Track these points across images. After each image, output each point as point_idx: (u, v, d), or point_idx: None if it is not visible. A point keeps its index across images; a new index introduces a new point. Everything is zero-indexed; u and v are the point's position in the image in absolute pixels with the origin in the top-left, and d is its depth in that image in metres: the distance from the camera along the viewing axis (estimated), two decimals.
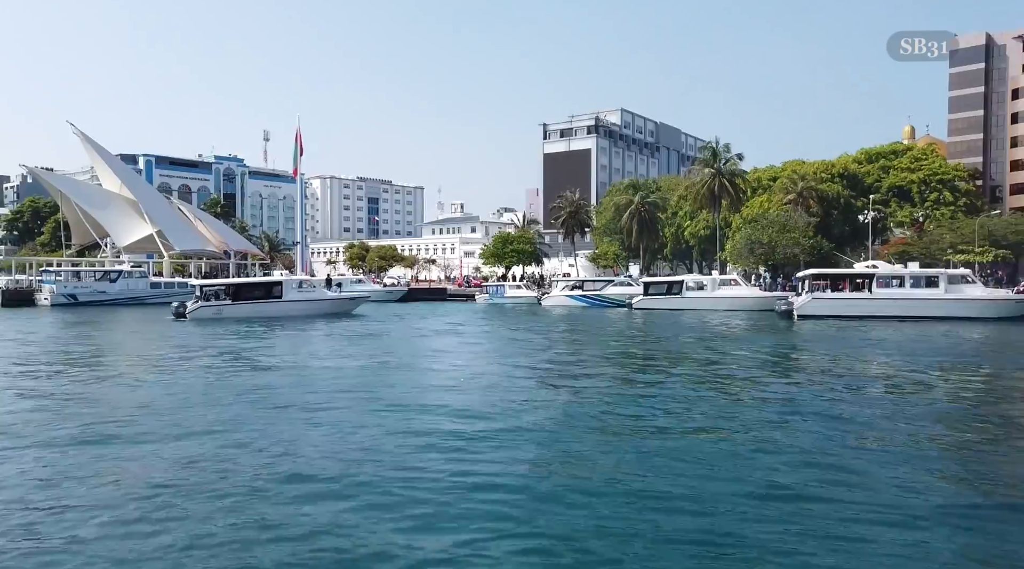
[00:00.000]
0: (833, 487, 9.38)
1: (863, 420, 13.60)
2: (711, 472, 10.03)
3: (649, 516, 8.23)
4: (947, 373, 20.33)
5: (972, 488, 9.45)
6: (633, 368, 22.39)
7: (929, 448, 11.51)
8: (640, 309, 53.81)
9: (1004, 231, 59.56)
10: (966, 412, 14.80)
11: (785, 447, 11.40)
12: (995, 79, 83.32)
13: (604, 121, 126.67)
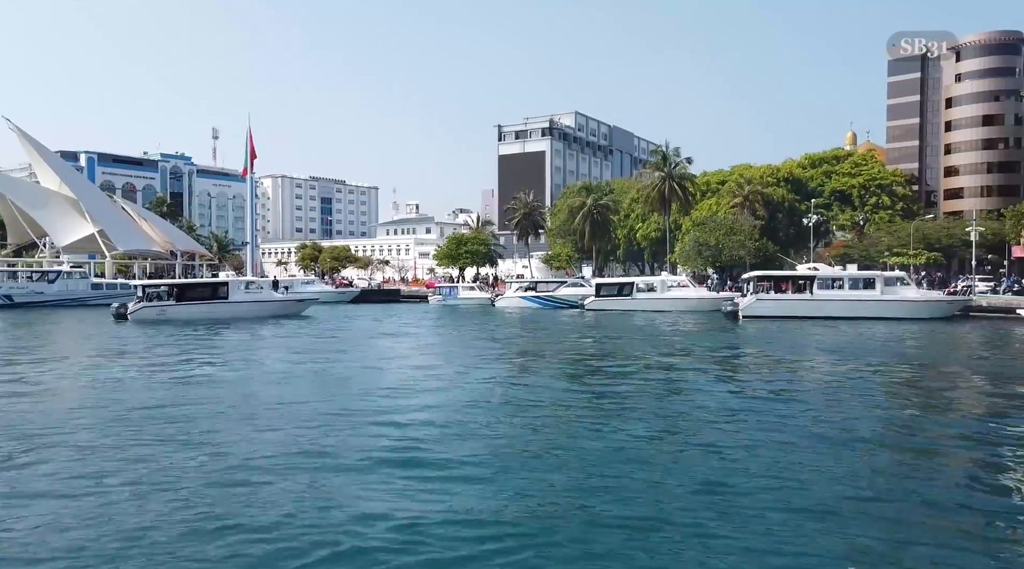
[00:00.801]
0: (761, 478, 9.77)
1: (793, 415, 14.16)
2: (647, 466, 10.35)
3: (587, 504, 8.49)
4: (877, 370, 21.23)
5: (893, 479, 9.98)
6: (582, 368, 22.76)
7: (855, 442, 12.06)
8: (592, 310, 54.47)
9: (937, 234, 62.28)
10: (892, 408, 15.52)
11: (723, 443, 11.81)
12: (930, 88, 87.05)
13: (558, 124, 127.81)
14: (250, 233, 71.13)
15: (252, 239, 73.38)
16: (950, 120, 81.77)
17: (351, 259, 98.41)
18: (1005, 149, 78.88)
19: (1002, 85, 78.52)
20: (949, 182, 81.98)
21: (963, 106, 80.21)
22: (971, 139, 79.72)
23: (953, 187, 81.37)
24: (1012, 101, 78.77)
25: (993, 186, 78.24)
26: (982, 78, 78.82)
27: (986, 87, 78.63)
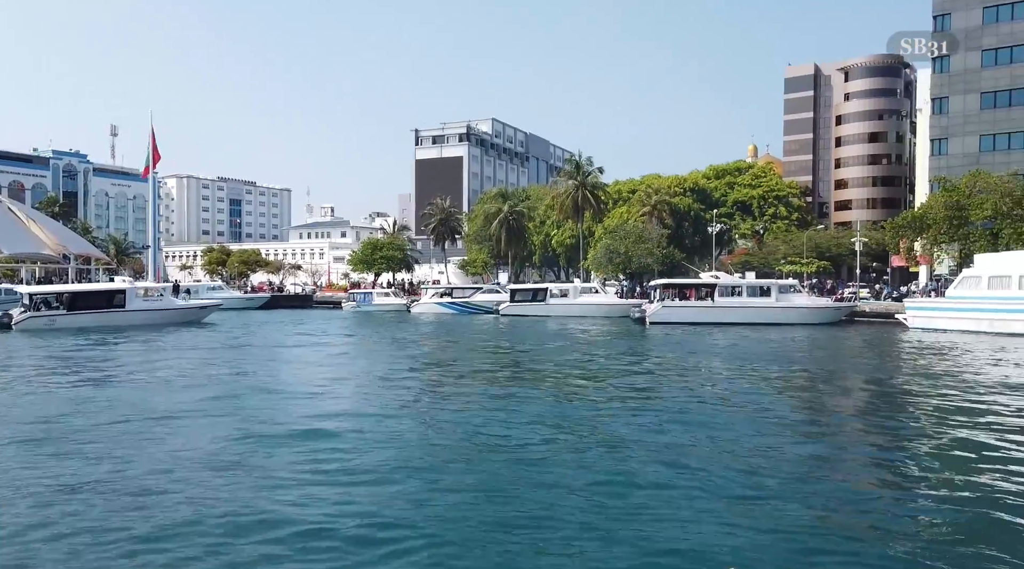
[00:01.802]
0: (656, 477, 10.41)
1: (691, 417, 15.03)
2: (550, 467, 10.80)
3: (486, 506, 8.85)
4: (770, 373, 22.67)
5: (783, 475, 10.84)
6: (495, 373, 23.17)
7: (748, 443, 12.96)
8: (507, 316, 55.20)
9: (828, 244, 66.61)
10: (781, 408, 16.68)
11: (623, 444, 12.43)
12: (822, 106, 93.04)
13: (476, 130, 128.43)
14: (152, 236, 67.59)
15: (154, 242, 69.76)
16: (840, 136, 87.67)
17: (261, 263, 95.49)
18: (888, 164, 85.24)
19: (885, 105, 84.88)
20: (839, 194, 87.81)
21: (851, 123, 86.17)
22: (858, 154, 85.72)
23: (843, 199, 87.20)
24: (894, 120, 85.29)
25: (878, 199, 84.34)
26: (868, 98, 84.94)
27: (871, 106, 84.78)
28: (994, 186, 46.37)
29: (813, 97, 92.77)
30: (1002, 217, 45.13)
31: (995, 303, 36.89)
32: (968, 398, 17.94)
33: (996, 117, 58.35)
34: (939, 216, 47.35)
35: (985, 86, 58.78)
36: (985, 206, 45.55)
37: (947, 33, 55.28)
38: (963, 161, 57.30)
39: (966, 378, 21.59)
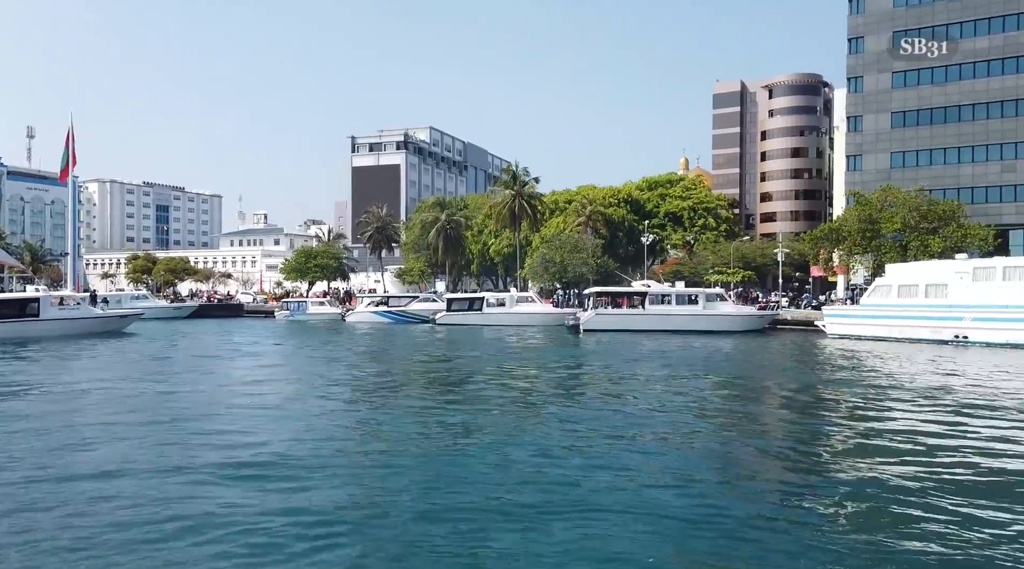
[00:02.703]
0: (582, 479, 10.80)
1: (615, 419, 15.55)
2: (483, 472, 11.07)
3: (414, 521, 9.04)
4: (694, 378, 23.58)
5: (707, 475, 11.39)
6: (429, 382, 23.28)
7: (675, 445, 13.54)
8: (443, 325, 55.21)
9: (754, 254, 69.29)
10: (705, 412, 17.43)
11: (553, 449, 12.80)
12: (748, 121, 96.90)
13: (413, 138, 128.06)
14: (71, 243, 64.62)
15: (73, 249, 66.65)
16: (764, 151, 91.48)
17: (190, 271, 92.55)
18: (809, 179, 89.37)
19: (806, 122, 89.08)
20: (764, 207, 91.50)
21: (775, 139, 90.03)
22: (782, 169, 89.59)
23: (767, 211, 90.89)
24: (814, 136, 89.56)
25: (800, 211, 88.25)
26: (790, 115, 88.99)
27: (793, 123, 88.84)
28: (903, 201, 49.37)
29: (740, 113, 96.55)
30: (910, 230, 48.09)
31: (904, 310, 39.24)
32: (874, 398, 19.17)
33: (905, 136, 62.15)
34: (853, 228, 50.08)
35: (895, 106, 62.55)
36: (895, 219, 48.44)
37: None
38: (876, 177, 60.74)
39: (875, 380, 23.01)
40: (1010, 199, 57.90)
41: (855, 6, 64.10)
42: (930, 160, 60.81)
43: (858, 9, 63.90)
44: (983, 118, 58.91)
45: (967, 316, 36.49)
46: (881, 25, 62.67)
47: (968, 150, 59.43)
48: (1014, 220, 57.38)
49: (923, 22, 61.05)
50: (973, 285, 36.82)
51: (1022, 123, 57.48)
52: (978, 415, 16.49)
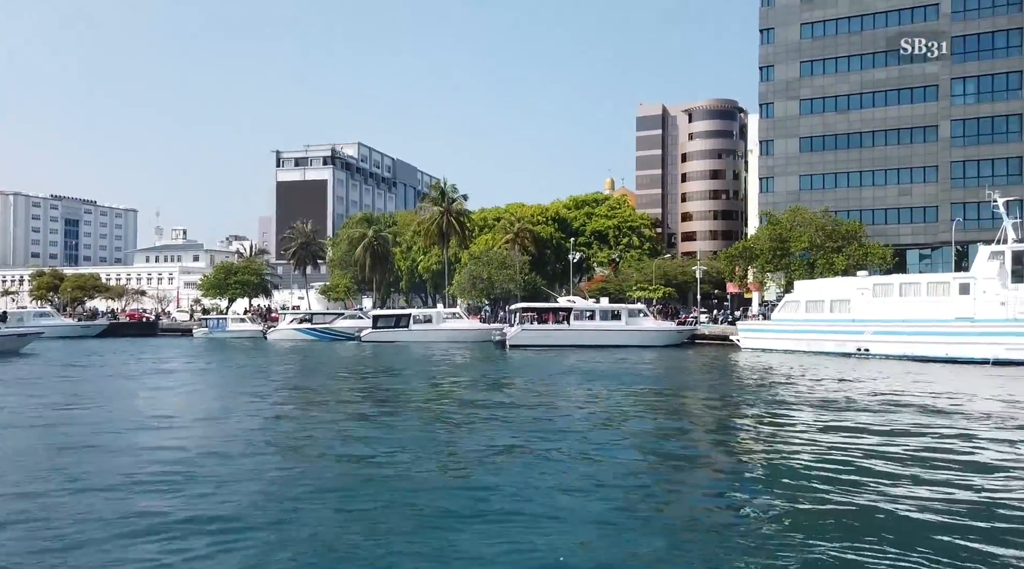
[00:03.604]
0: (502, 491, 10.96)
1: (536, 431, 15.82)
2: (405, 487, 11.07)
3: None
4: (616, 392, 24.18)
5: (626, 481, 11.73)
6: (349, 399, 22.98)
7: (600, 456, 13.86)
8: (369, 342, 54.59)
9: (675, 271, 71.58)
10: (624, 421, 17.93)
11: (473, 465, 12.91)
12: (670, 143, 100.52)
13: (341, 153, 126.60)
14: None
15: None
16: (685, 172, 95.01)
17: (100, 288, 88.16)
18: (727, 200, 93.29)
19: (724, 145, 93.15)
20: (685, 226, 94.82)
21: (694, 161, 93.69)
22: (701, 190, 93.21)
23: (688, 230, 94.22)
24: (731, 159, 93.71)
25: (718, 231, 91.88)
26: (708, 138, 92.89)
27: (712, 146, 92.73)
28: (810, 221, 52.24)
29: (662, 135, 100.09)
30: (816, 248, 50.89)
31: (811, 325, 41.36)
32: (779, 406, 20.19)
33: (812, 160, 65.89)
34: (765, 247, 52.60)
35: (803, 132, 66.30)
36: (803, 239, 51.17)
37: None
38: (786, 198, 64.06)
39: (780, 390, 24.22)
40: (907, 221, 62.14)
41: (766, 37, 67.83)
42: (835, 183, 64.65)
43: (768, 40, 67.64)
44: (882, 145, 63.16)
45: (868, 330, 38.73)
46: (789, 55, 66.48)
47: (869, 174, 63.54)
48: (910, 240, 61.56)
49: (827, 54, 65.13)
50: (873, 301, 39.16)
51: (916, 150, 61.93)
52: (872, 419, 17.63)
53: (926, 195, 61.39)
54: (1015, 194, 51.93)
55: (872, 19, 63.27)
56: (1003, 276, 34.63)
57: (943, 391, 23.33)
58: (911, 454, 13.46)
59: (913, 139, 61.98)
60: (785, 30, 66.60)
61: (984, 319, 34.50)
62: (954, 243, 54.76)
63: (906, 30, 61.93)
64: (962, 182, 59.45)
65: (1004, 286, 34.36)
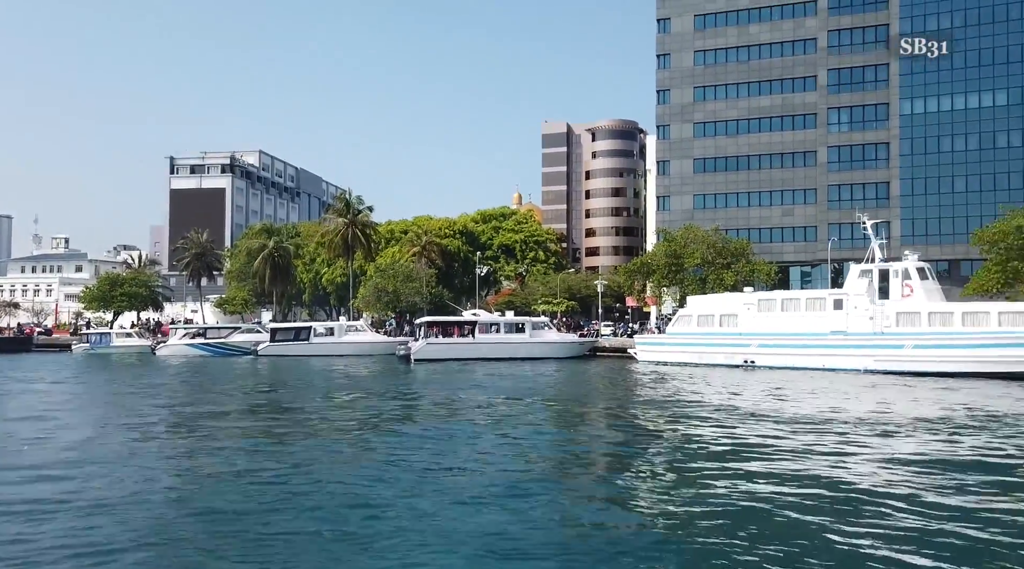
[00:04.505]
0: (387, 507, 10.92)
1: (435, 445, 15.83)
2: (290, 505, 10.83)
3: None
4: (518, 403, 24.52)
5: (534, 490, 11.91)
6: (241, 415, 22.16)
7: (506, 468, 13.99)
8: (267, 356, 52.80)
9: (579, 285, 73.37)
10: (526, 432, 18.19)
11: (364, 481, 12.77)
12: (574, 161, 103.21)
13: (241, 161, 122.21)
14: None
15: None
16: (588, 189, 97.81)
17: None
18: (628, 216, 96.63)
19: (625, 164, 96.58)
20: (589, 241, 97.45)
21: (597, 179, 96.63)
22: (604, 206, 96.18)
23: (592, 246, 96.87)
24: (632, 177, 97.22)
25: (620, 246, 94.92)
26: (610, 157, 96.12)
27: (613, 165, 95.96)
28: (702, 239, 55.02)
29: (567, 152, 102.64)
30: (708, 265, 53.61)
31: (702, 338, 43.39)
32: (666, 413, 21.15)
33: (705, 180, 69.49)
34: (661, 263, 54.93)
35: (696, 154, 69.85)
36: (695, 255, 53.79)
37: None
38: (681, 216, 67.19)
39: (668, 399, 25.35)
40: (789, 239, 66.55)
41: (662, 62, 71.18)
42: (725, 203, 68.43)
43: (664, 65, 71.01)
44: (768, 168, 67.47)
45: (753, 343, 41.05)
46: (684, 80, 70.01)
47: (756, 195, 67.70)
48: (793, 258, 65.90)
49: (719, 80, 69.06)
50: (758, 315, 41.57)
51: (799, 173, 66.50)
52: (753, 424, 18.78)
53: (806, 216, 66.01)
54: (883, 217, 56.87)
55: (758, 50, 67.73)
56: (871, 293, 37.65)
57: (819, 399, 25.15)
58: (790, 454, 14.49)
59: (795, 163, 66.59)
60: (680, 56, 70.11)
61: (855, 332, 37.37)
62: (830, 261, 59.05)
63: (787, 62, 66.69)
64: (837, 204, 64.32)
65: (872, 302, 37.36)
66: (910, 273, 37.04)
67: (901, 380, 32.30)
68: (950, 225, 59.83)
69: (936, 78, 61.40)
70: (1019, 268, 43.33)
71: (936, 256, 56.39)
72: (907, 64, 62.32)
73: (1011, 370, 32.24)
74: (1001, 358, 32.92)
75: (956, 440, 16.81)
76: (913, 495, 11.43)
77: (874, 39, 64.23)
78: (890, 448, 15.67)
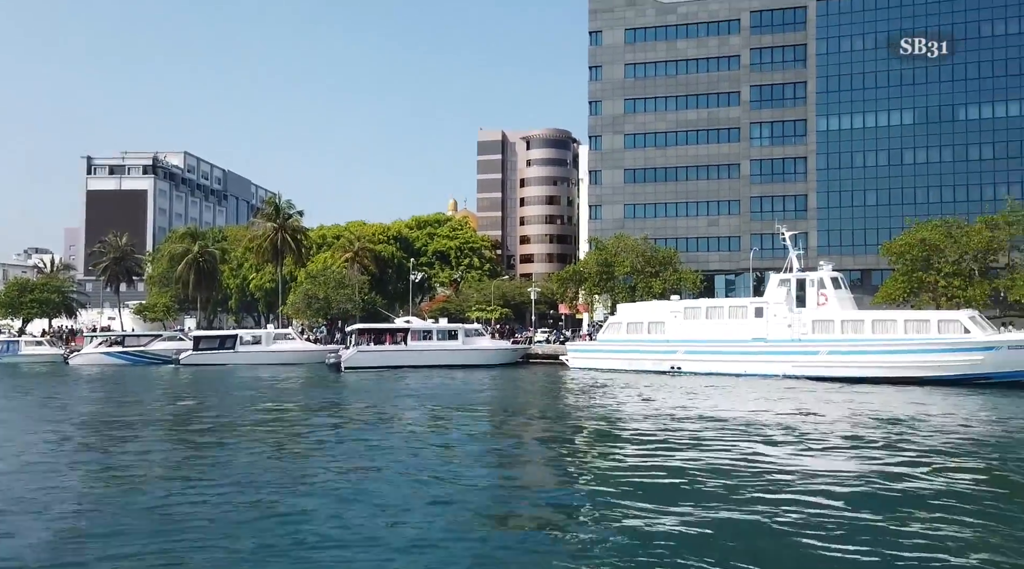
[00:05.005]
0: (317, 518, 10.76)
1: (364, 454, 15.67)
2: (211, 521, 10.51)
3: None
4: (449, 410, 24.50)
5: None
6: (155, 427, 21.33)
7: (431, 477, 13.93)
8: (189, 365, 50.97)
9: (513, 292, 73.83)
10: (460, 441, 18.19)
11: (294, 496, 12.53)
12: (509, 168, 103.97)
13: (164, 162, 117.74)
14: None
15: None
16: (523, 197, 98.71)
17: None
18: (562, 224, 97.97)
19: (558, 173, 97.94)
20: (523, 249, 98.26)
21: (532, 187, 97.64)
22: (538, 214, 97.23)
23: (526, 253, 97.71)
24: (566, 186, 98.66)
25: (554, 254, 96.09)
26: (545, 165, 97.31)
27: (548, 173, 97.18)
28: (632, 247, 56.32)
29: (502, 160, 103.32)
30: (637, 273, 54.92)
31: (631, 345, 44.31)
32: (599, 423, 21.58)
33: (635, 190, 71.25)
34: (593, 271, 55.94)
35: (627, 164, 71.56)
36: (625, 264, 55.01)
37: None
38: (612, 225, 68.64)
39: (598, 405, 25.87)
40: (715, 249, 68.92)
41: (594, 73, 72.69)
42: (655, 213, 70.35)
43: (597, 76, 72.54)
44: (695, 179, 69.74)
45: (680, 350, 42.18)
46: (615, 92, 71.67)
47: (684, 205, 69.86)
48: (718, 267, 68.25)
49: (648, 93, 71.02)
50: (684, 323, 42.77)
51: (723, 185, 68.98)
52: (675, 430, 19.39)
53: (730, 226, 68.51)
54: (801, 228, 59.51)
55: (685, 65, 70.03)
56: (789, 301, 39.31)
57: (740, 403, 26.17)
58: (716, 460, 15.06)
59: (720, 175, 69.07)
60: (611, 69, 71.74)
61: (775, 339, 38.94)
62: (752, 270, 61.40)
63: (713, 77, 69.22)
64: (760, 215, 67.00)
65: (790, 310, 39.00)
66: (825, 282, 38.82)
67: (814, 385, 33.82)
68: (862, 236, 63.18)
69: (849, 97, 64.86)
70: (923, 278, 46.18)
71: (850, 266, 59.42)
72: (823, 82, 65.60)
73: (915, 375, 34.25)
74: (907, 364, 34.91)
75: (838, 445, 17.71)
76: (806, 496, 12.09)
77: (792, 58, 67.33)
78: (777, 450, 16.48)
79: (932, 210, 56.61)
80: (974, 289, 44.49)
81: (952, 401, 27.45)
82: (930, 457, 15.73)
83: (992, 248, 45.48)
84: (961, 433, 19.45)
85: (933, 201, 60.68)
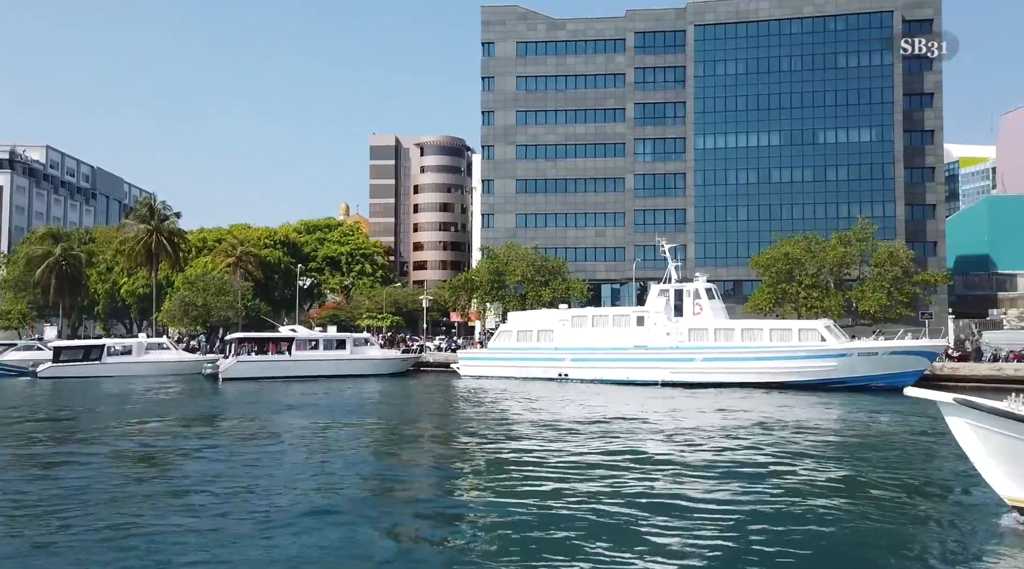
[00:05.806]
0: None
1: (240, 473, 15.12)
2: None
3: None
4: (330, 423, 24.00)
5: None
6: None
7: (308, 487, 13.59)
8: (48, 378, 47.03)
9: (406, 300, 73.19)
10: (337, 455, 17.87)
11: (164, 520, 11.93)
12: (403, 174, 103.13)
13: (24, 157, 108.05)
14: None
15: None
16: (417, 203, 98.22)
17: None
18: (455, 232, 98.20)
19: (452, 180, 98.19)
20: (417, 255, 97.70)
21: (426, 193, 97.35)
22: (432, 221, 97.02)
23: (420, 260, 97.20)
24: (459, 193, 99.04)
25: (448, 261, 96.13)
26: (439, 172, 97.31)
27: (442, 180, 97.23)
28: (522, 256, 57.40)
29: (395, 166, 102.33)
30: (528, 282, 56.02)
31: (521, 352, 45.13)
32: (487, 430, 21.89)
33: (527, 200, 72.68)
34: (484, 279, 56.52)
35: (519, 175, 72.88)
36: (516, 272, 55.98)
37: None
38: (504, 234, 69.64)
39: (485, 413, 26.26)
40: (601, 259, 71.42)
41: (487, 84, 73.62)
42: (545, 222, 72.03)
43: (489, 87, 73.51)
44: (583, 191, 72.02)
45: (567, 357, 43.41)
46: (507, 103, 72.90)
47: (572, 216, 71.98)
48: (604, 276, 70.76)
49: (539, 106, 72.72)
50: (572, 331, 44.05)
51: (610, 197, 71.63)
52: (561, 433, 20.04)
53: (616, 237, 71.25)
54: (680, 240, 62.78)
55: (574, 80, 72.32)
56: (668, 310, 41.37)
57: (619, 408, 27.34)
58: (599, 460, 15.69)
59: (606, 188, 71.73)
60: (503, 80, 72.92)
61: (655, 347, 40.84)
62: (636, 280, 64.10)
63: (600, 93, 71.87)
64: (643, 228, 70.02)
65: (669, 319, 41.05)
66: (700, 293, 41.16)
67: (688, 391, 35.84)
68: (735, 249, 67.39)
69: (724, 118, 69.16)
70: (787, 289, 49.96)
71: (724, 277, 63.21)
72: (700, 103, 69.55)
73: (779, 380, 36.98)
74: (771, 370, 37.63)
75: (700, 443, 19.06)
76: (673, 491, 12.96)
77: (673, 78, 71.00)
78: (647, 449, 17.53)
79: (796, 226, 61.25)
80: (830, 300, 48.60)
81: (808, 402, 29.99)
82: (779, 451, 17.15)
83: (845, 262, 49.88)
84: (814, 431, 21.36)
85: (796, 217, 65.69)
